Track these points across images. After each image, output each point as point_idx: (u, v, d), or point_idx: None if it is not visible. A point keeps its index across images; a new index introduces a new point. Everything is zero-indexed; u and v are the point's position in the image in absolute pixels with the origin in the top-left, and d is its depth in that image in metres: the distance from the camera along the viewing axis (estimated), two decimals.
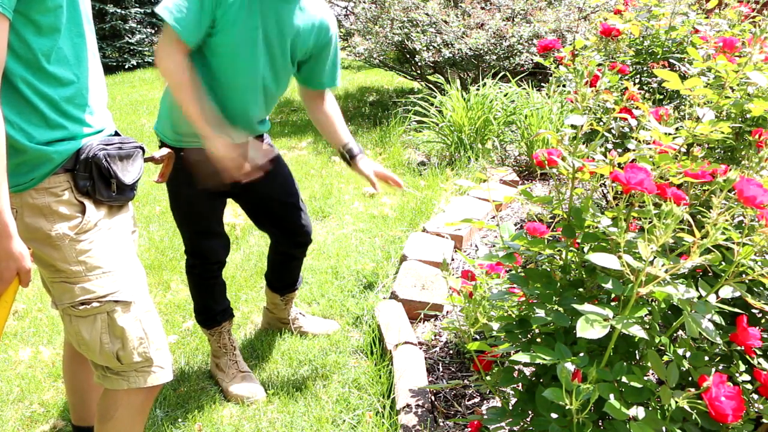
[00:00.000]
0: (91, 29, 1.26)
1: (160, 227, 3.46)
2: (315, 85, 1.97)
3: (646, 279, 1.04)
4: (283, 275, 2.26)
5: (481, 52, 5.21)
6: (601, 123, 1.34)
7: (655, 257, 1.06)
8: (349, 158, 1.99)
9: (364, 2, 6.07)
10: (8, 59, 1.10)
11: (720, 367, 1.21)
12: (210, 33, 1.66)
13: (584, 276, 1.29)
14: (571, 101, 1.31)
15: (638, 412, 1.08)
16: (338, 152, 2.02)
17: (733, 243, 1.06)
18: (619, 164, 1.21)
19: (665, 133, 1.27)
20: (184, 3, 1.57)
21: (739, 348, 1.18)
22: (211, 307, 2.06)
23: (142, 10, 11.00)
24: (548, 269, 1.35)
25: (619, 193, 1.16)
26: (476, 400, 1.93)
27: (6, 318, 1.18)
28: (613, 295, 1.24)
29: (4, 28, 1.05)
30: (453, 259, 2.83)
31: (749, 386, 1.17)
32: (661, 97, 2.11)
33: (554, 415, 1.16)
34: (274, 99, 1.91)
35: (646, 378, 1.12)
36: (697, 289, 1.12)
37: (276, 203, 2.03)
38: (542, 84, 4.96)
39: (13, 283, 1.14)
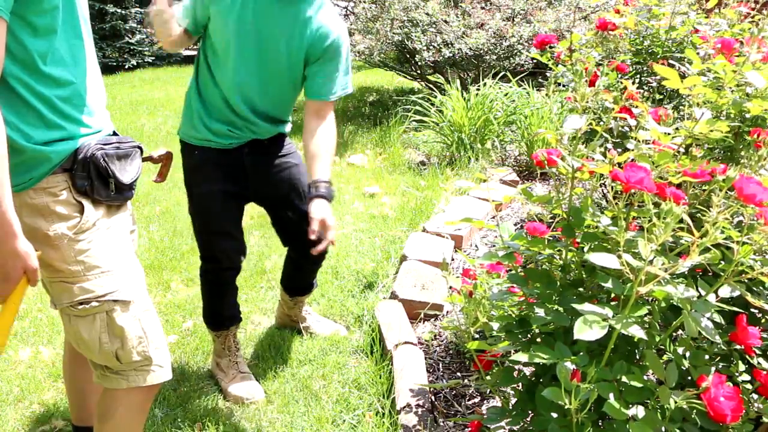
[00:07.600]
0: (89, 30, 1.26)
1: (160, 227, 3.46)
2: (306, 91, 1.91)
3: (645, 278, 1.04)
4: (295, 279, 2.27)
5: (481, 52, 5.21)
6: (601, 123, 1.34)
7: (654, 256, 1.06)
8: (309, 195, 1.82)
9: (364, 2, 6.07)
10: (5, 60, 1.10)
11: (720, 367, 1.21)
12: (209, 29, 1.79)
13: (584, 276, 1.29)
14: (570, 100, 1.31)
15: (638, 411, 1.08)
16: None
17: (733, 242, 1.06)
18: (619, 163, 1.21)
19: (664, 133, 1.27)
20: None
21: (738, 347, 1.18)
22: (220, 312, 2.06)
23: (142, 10, 10.98)
24: (548, 269, 1.35)
25: (619, 192, 1.16)
26: (476, 399, 1.92)
27: (14, 317, 1.18)
28: (612, 295, 1.24)
29: (2, 30, 1.05)
30: (453, 259, 2.83)
31: (749, 386, 1.17)
32: (661, 97, 2.11)
33: (554, 415, 1.16)
34: (277, 99, 1.92)
35: (645, 377, 1.12)
36: (697, 289, 1.12)
37: (290, 209, 2.01)
38: (542, 83, 4.96)
39: (21, 283, 1.14)
